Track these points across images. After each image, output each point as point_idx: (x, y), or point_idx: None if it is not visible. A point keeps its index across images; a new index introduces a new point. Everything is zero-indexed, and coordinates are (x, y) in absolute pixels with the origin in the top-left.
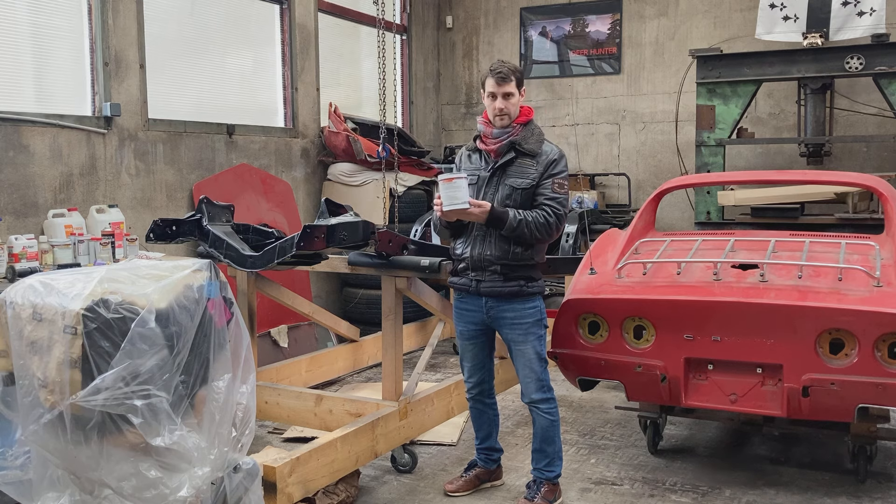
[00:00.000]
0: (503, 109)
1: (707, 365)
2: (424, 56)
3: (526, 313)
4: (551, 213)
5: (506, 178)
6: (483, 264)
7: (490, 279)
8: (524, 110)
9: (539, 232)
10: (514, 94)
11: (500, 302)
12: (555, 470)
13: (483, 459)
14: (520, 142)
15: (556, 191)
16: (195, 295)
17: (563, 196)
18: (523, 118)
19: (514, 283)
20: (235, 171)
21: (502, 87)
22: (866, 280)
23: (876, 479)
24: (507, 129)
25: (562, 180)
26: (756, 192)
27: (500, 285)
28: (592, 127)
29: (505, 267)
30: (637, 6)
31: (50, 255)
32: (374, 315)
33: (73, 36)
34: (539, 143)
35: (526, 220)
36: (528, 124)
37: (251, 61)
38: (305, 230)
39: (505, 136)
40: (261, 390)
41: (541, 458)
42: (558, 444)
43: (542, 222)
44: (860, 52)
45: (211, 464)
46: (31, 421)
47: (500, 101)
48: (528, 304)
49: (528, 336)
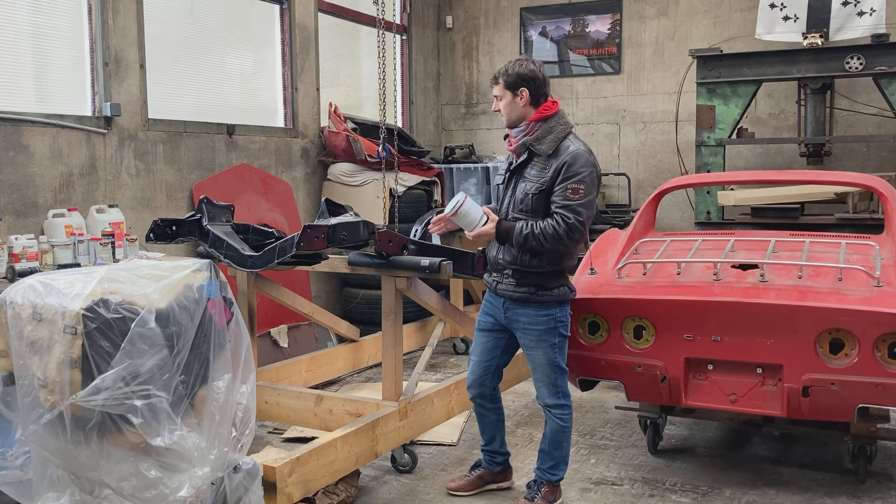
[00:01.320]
0: (499, 110)
1: (707, 365)
2: (424, 56)
3: (539, 320)
4: (561, 223)
5: (521, 181)
6: (499, 267)
7: (506, 282)
8: (543, 106)
9: (549, 243)
10: (501, 96)
11: (514, 304)
12: (558, 474)
13: (487, 461)
14: (532, 142)
15: (568, 197)
16: (195, 295)
17: (578, 201)
18: (538, 115)
19: (524, 288)
20: (235, 171)
21: (493, 88)
22: (866, 280)
23: (876, 479)
24: (523, 128)
25: (577, 184)
26: (756, 192)
27: (512, 289)
28: (592, 127)
29: (516, 272)
30: (637, 6)
31: (50, 255)
32: (374, 315)
33: (73, 36)
34: (555, 142)
35: (533, 233)
36: (548, 121)
37: (251, 61)
38: (305, 230)
39: (521, 136)
40: (261, 390)
41: (546, 459)
42: (566, 449)
43: (550, 233)
44: (860, 52)
45: (211, 464)
46: (31, 421)
47: (495, 103)
48: (542, 311)
49: (540, 343)
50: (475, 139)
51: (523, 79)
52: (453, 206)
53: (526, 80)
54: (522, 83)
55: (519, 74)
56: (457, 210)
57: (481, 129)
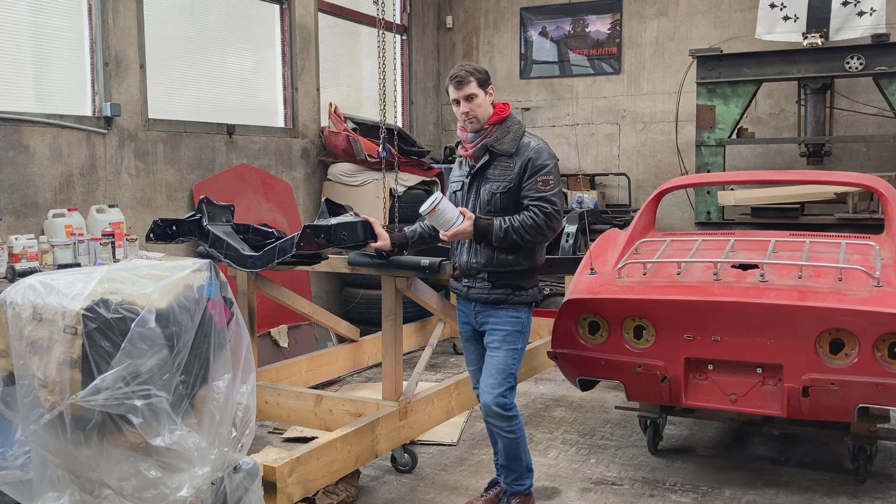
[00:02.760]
0: (468, 113)
1: (707, 365)
2: (424, 56)
3: (507, 321)
4: (538, 213)
5: (484, 183)
6: (472, 272)
7: (479, 286)
8: (497, 108)
9: (531, 235)
10: (476, 94)
11: (486, 307)
12: (525, 483)
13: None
14: (492, 143)
15: (540, 189)
16: (195, 295)
17: (551, 192)
18: (495, 117)
19: (500, 290)
20: (235, 171)
21: (462, 90)
22: (866, 280)
23: (876, 479)
24: (481, 131)
25: (546, 176)
26: (756, 192)
27: (486, 292)
28: (592, 127)
29: (492, 274)
30: (637, 6)
31: (50, 255)
32: (374, 315)
33: (73, 36)
34: (515, 140)
35: (513, 227)
36: (504, 122)
37: (251, 61)
38: (305, 230)
39: (479, 140)
40: (261, 390)
41: (508, 473)
42: (525, 458)
43: (530, 224)
44: (860, 52)
45: (211, 464)
46: (31, 421)
47: (465, 105)
48: (511, 313)
49: (503, 344)
50: None
51: (488, 76)
52: (430, 203)
53: (489, 78)
54: (489, 80)
55: (486, 72)
56: (434, 207)
57: None
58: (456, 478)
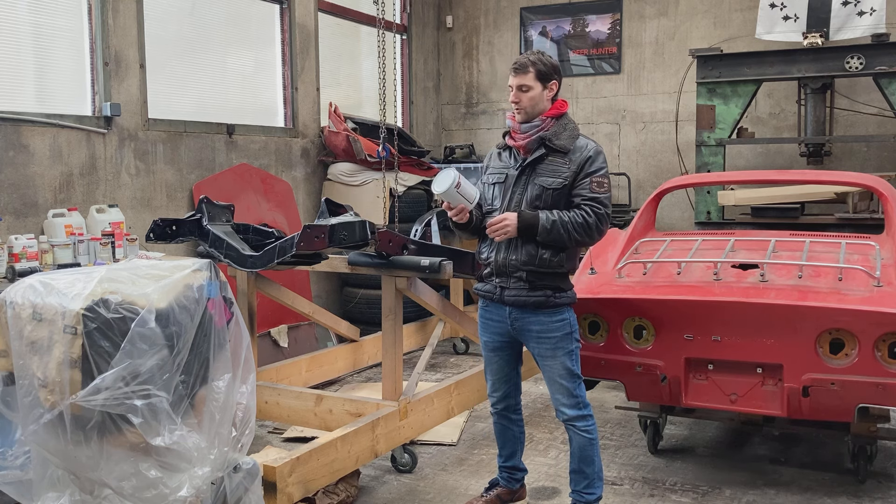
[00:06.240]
0: (517, 102)
1: (707, 365)
2: (424, 56)
3: (553, 326)
4: (591, 213)
5: (535, 177)
6: (508, 270)
7: (515, 287)
8: (557, 104)
9: (578, 233)
10: (531, 87)
11: (524, 313)
12: (595, 492)
13: (506, 478)
14: (550, 137)
15: (594, 190)
16: (195, 295)
17: (604, 195)
18: (554, 111)
19: (540, 292)
20: (235, 171)
21: (517, 77)
22: (866, 280)
23: (876, 479)
24: (537, 123)
25: (601, 178)
26: (756, 192)
27: (525, 294)
28: (592, 127)
29: (531, 274)
30: (637, 6)
31: (50, 255)
32: (374, 315)
33: (73, 36)
34: (572, 138)
35: (561, 220)
36: (561, 118)
37: (251, 61)
38: (305, 230)
39: (535, 131)
40: (261, 390)
41: (580, 479)
42: (598, 463)
43: (580, 222)
44: (860, 52)
45: (211, 464)
46: (31, 421)
47: (515, 94)
48: (556, 317)
49: (557, 351)
50: (475, 139)
51: (556, 71)
52: (453, 179)
53: (558, 73)
54: (555, 75)
55: (553, 66)
56: (458, 182)
57: (481, 129)
58: (456, 478)
